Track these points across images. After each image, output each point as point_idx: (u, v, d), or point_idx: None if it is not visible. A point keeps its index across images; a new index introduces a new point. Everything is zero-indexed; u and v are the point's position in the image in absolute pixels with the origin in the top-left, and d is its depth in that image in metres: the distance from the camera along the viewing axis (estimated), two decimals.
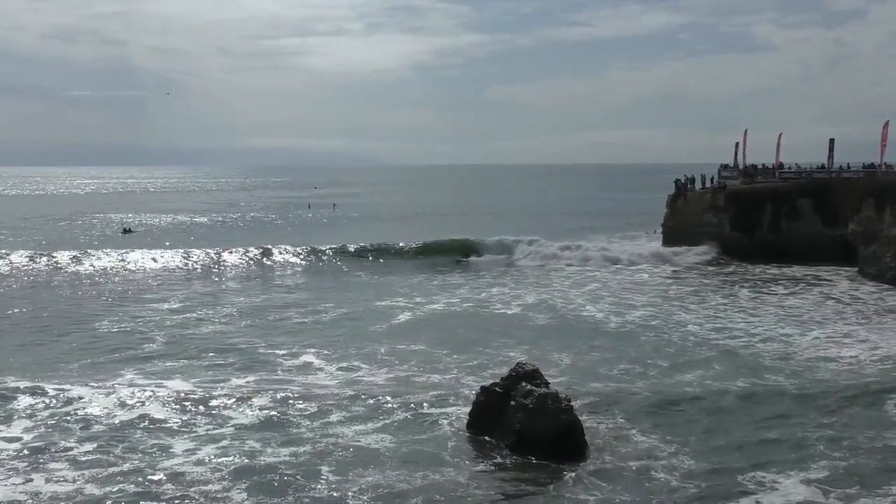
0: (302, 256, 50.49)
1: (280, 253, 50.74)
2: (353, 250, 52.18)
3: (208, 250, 50.03)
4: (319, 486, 16.01)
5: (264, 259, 49.79)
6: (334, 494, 15.69)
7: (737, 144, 57.87)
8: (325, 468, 16.89)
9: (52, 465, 16.87)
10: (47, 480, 16.09)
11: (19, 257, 45.47)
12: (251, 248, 51.36)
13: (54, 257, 46.61)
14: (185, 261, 47.50)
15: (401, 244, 54.05)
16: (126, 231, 75.20)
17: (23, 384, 22.33)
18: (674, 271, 46.87)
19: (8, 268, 43.44)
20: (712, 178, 55.46)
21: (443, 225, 71.55)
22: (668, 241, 54.47)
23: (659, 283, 43.18)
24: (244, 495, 15.63)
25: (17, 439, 18.34)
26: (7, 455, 17.40)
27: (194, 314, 34.05)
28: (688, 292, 39.52)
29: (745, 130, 58.29)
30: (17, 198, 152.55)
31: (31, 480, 16.11)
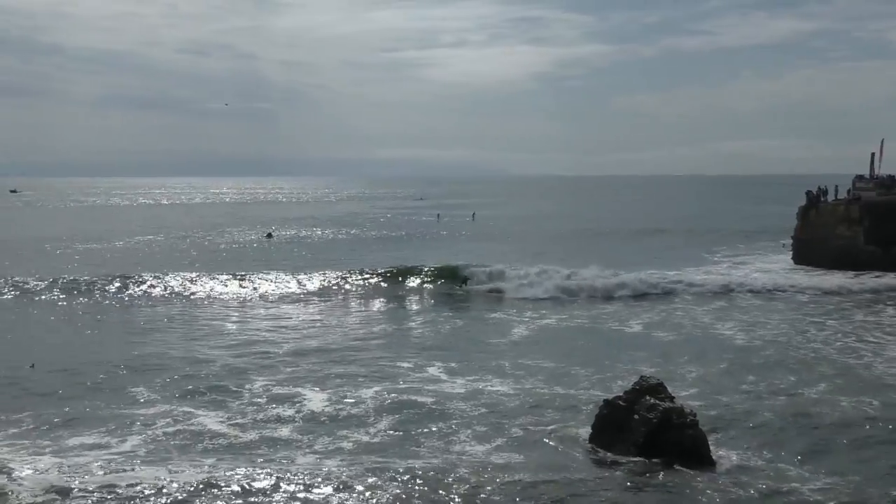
0: (424, 273, 48.08)
1: (400, 272, 48.87)
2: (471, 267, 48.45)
3: (329, 272, 49.26)
4: (450, 497, 16.10)
5: (386, 273, 48.47)
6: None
7: (873, 155, 55.75)
8: (453, 476, 17.05)
9: (175, 468, 17.26)
10: (159, 492, 16.21)
11: (175, 277, 46.04)
12: (378, 268, 50.36)
13: (208, 277, 46.93)
14: (318, 278, 47.00)
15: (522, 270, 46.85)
16: (269, 236, 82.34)
17: (147, 401, 23.03)
18: (806, 288, 44.20)
19: (166, 288, 44.27)
20: (848, 191, 53.57)
21: (574, 243, 70.29)
22: (798, 254, 53.09)
23: (792, 300, 41.49)
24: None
25: (135, 454, 18.63)
26: (134, 457, 17.99)
27: (321, 327, 34.98)
28: (825, 311, 37.86)
29: (882, 140, 56.18)
30: (158, 207, 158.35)
31: (150, 490, 16.27)
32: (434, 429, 20.43)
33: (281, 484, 16.48)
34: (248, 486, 16.30)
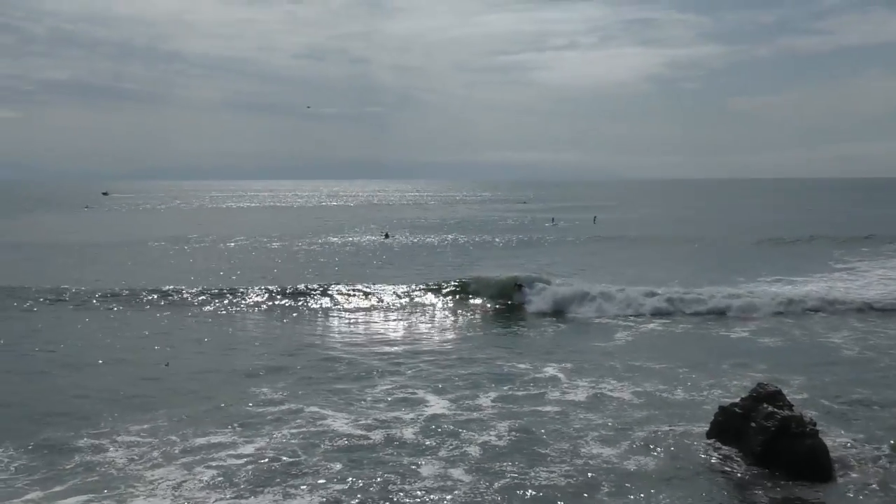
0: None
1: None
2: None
3: (442, 278, 49.59)
4: None
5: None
6: None
7: None
8: (584, 483, 17.31)
9: (296, 481, 17.44)
10: (287, 496, 16.69)
11: (297, 284, 45.59)
12: (488, 276, 50.23)
13: (329, 282, 47.30)
14: (432, 284, 46.47)
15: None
16: (386, 237, 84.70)
17: (271, 401, 23.65)
18: None
19: (287, 293, 43.82)
20: None
21: (697, 251, 68.59)
22: None
23: None
24: None
25: (262, 454, 19.08)
26: (254, 469, 18.18)
27: (436, 332, 35.90)
28: None
29: None
30: (275, 209, 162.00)
31: (280, 493, 16.78)
32: (559, 432, 20.61)
33: (413, 491, 16.90)
34: (377, 494, 16.73)
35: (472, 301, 43.19)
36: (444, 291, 44.87)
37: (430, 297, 43.49)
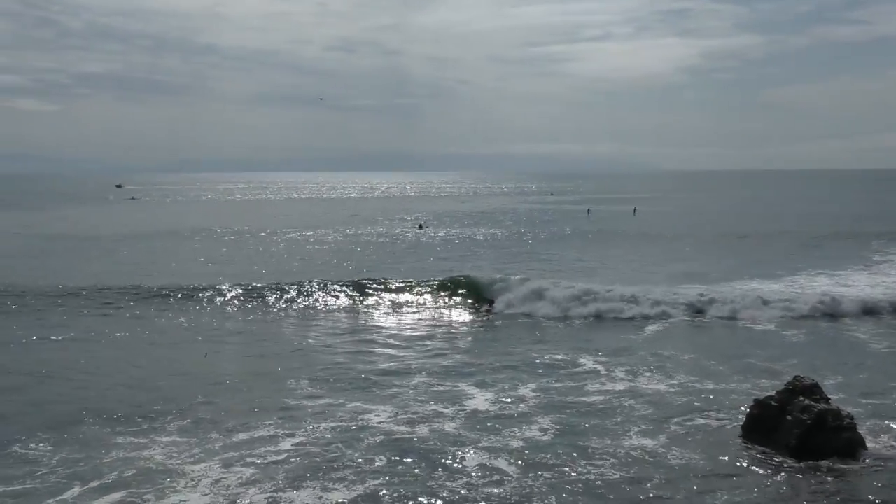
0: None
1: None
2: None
3: (473, 271, 49.88)
4: (628, 497, 16.39)
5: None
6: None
7: None
8: (626, 476, 17.36)
9: (340, 474, 17.45)
10: (326, 490, 16.69)
11: (334, 280, 44.71)
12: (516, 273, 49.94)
13: (364, 274, 47.68)
14: (462, 278, 45.03)
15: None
16: (421, 227, 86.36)
17: (310, 395, 23.65)
18: None
19: (322, 288, 42.86)
20: None
21: (737, 246, 67.29)
22: None
23: None
24: None
25: (302, 449, 19.03)
26: (294, 464, 18.11)
27: (471, 324, 36.13)
28: None
29: None
30: (309, 201, 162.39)
31: (319, 488, 16.76)
32: (598, 425, 20.59)
33: (455, 483, 16.96)
34: (419, 488, 16.75)
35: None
36: (472, 285, 44.58)
37: (459, 291, 43.14)
